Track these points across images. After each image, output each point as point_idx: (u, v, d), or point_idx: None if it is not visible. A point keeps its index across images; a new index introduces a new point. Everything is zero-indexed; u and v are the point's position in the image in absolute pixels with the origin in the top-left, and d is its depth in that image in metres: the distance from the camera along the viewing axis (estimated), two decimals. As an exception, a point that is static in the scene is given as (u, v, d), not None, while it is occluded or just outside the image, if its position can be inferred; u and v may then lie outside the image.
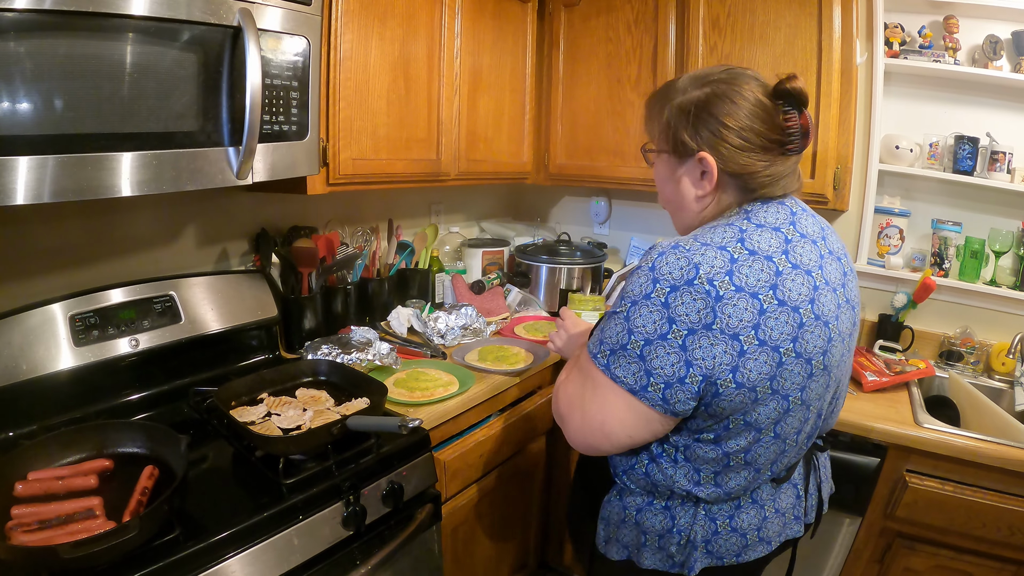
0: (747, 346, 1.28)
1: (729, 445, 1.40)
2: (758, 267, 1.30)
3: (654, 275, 1.32)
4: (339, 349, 2.39)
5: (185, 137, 1.67)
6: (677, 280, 1.29)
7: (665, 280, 1.30)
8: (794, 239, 1.37)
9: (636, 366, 1.33)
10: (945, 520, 2.20)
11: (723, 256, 1.30)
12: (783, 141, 1.40)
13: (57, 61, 1.40)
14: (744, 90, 1.40)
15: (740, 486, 1.47)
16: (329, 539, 1.70)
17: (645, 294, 1.32)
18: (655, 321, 1.30)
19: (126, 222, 2.24)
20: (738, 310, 1.27)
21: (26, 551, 1.30)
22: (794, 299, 1.30)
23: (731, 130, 1.38)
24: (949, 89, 2.85)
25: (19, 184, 1.39)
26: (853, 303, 1.48)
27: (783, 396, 1.35)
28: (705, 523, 1.49)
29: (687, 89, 1.46)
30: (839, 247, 1.50)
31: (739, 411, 1.34)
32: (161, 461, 1.66)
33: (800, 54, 2.63)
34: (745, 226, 1.36)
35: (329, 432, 1.75)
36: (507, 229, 3.96)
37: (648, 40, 3.00)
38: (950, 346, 2.89)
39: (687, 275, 1.28)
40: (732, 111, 1.39)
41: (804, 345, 1.32)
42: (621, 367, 1.35)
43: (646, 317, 1.31)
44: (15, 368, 1.83)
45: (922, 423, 2.26)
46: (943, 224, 2.90)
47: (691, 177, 1.47)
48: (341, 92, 2.28)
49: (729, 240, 1.33)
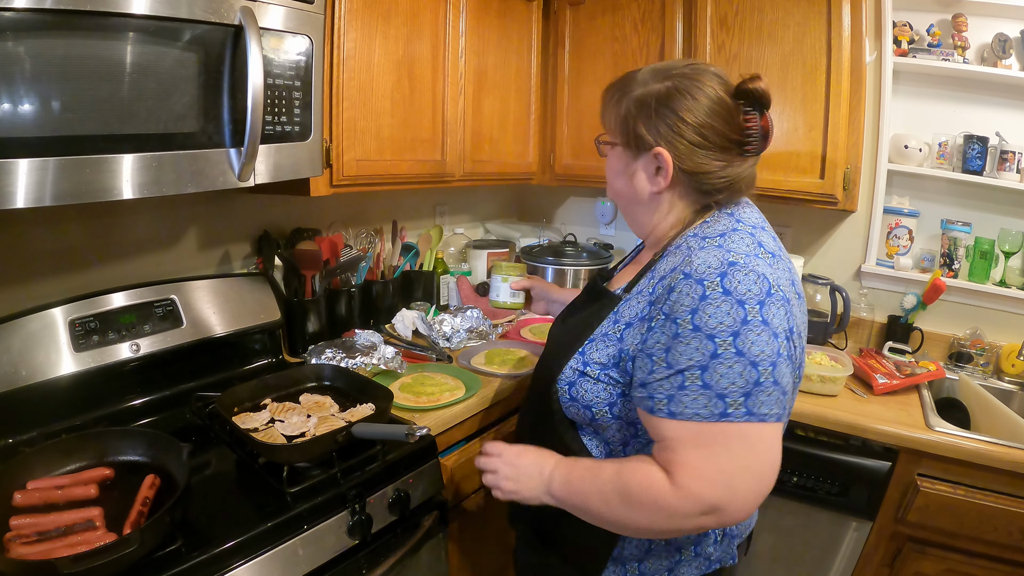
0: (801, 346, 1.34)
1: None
2: (782, 267, 1.32)
3: (735, 297, 1.23)
4: (343, 353, 2.36)
5: (186, 138, 1.65)
6: (759, 295, 1.24)
7: (750, 299, 1.23)
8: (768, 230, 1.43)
9: (776, 393, 1.23)
10: (956, 524, 2.18)
11: (764, 263, 1.29)
12: (742, 142, 1.39)
13: (55, 61, 1.38)
14: (705, 86, 1.38)
15: None
16: (335, 548, 1.67)
17: (742, 320, 1.22)
18: (767, 342, 1.22)
19: (127, 225, 2.22)
20: (795, 311, 1.30)
21: (24, 565, 1.28)
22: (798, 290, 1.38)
23: (689, 126, 1.36)
24: (958, 88, 2.83)
25: (18, 187, 1.37)
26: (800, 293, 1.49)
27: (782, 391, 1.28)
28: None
29: (648, 82, 1.43)
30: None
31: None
32: (163, 470, 1.64)
33: (809, 52, 2.59)
34: (749, 229, 1.37)
35: (334, 440, 1.73)
36: (512, 230, 3.93)
37: (655, 39, 2.97)
38: (960, 348, 2.87)
39: (763, 287, 1.24)
40: (692, 106, 1.36)
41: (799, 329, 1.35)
42: (764, 404, 1.22)
43: (759, 342, 1.22)
44: (14, 374, 1.80)
45: (934, 426, 2.24)
46: (952, 224, 2.88)
47: (646, 173, 1.45)
48: (345, 92, 2.26)
49: (753, 246, 1.32)
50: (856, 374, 2.64)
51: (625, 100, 1.45)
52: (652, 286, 1.38)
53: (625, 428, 1.44)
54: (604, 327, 1.44)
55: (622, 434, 1.46)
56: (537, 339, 2.92)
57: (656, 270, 1.42)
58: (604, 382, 1.41)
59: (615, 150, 1.51)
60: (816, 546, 2.47)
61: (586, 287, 1.75)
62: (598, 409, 1.42)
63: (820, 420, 2.34)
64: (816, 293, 3.00)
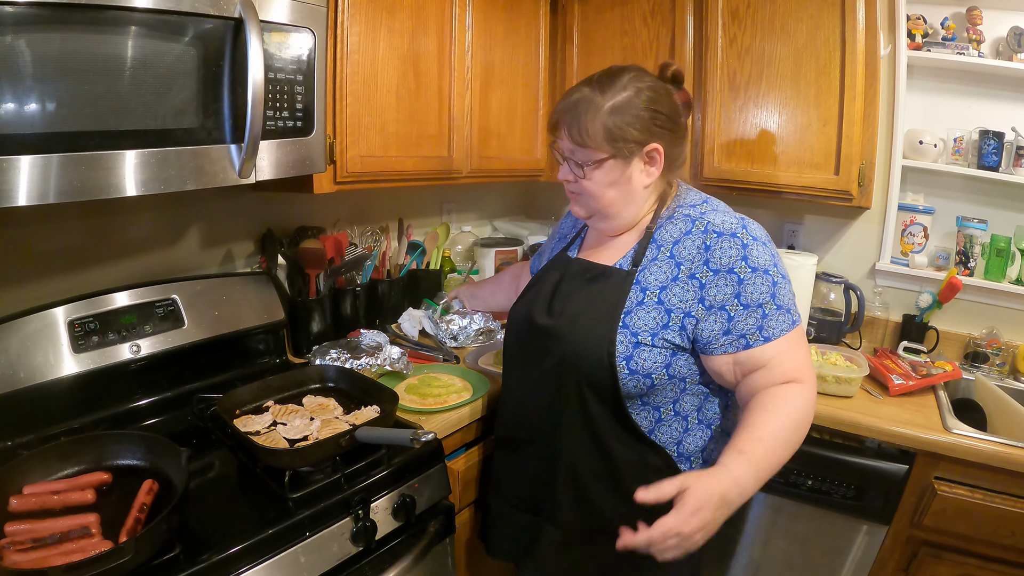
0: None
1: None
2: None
3: (761, 240, 1.59)
4: (348, 354, 2.33)
5: (185, 134, 1.61)
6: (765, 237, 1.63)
7: (767, 239, 1.62)
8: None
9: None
10: (973, 528, 2.14)
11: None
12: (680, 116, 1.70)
13: (52, 56, 1.35)
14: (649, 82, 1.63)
15: None
16: (338, 556, 1.64)
17: (772, 254, 1.59)
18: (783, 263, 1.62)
19: (127, 223, 2.19)
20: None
21: (17, 574, 1.25)
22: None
23: (664, 116, 1.62)
24: (973, 82, 2.78)
25: (19, 185, 1.35)
26: None
27: None
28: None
29: (607, 95, 1.60)
30: None
31: None
32: (161, 474, 1.61)
33: (823, 46, 2.55)
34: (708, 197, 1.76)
35: (337, 444, 1.69)
36: (520, 228, 3.89)
37: (665, 33, 2.92)
38: (975, 347, 2.82)
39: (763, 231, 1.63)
40: (672, 104, 1.66)
41: None
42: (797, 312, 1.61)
43: (782, 265, 1.61)
44: (12, 375, 1.78)
45: (951, 429, 2.19)
46: (968, 221, 2.83)
47: (640, 171, 1.65)
48: (348, 87, 2.22)
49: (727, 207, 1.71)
50: (871, 375, 2.59)
51: (599, 117, 1.58)
52: (669, 251, 1.63)
53: (677, 384, 1.65)
54: (634, 298, 1.62)
55: (674, 392, 1.66)
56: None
57: (659, 240, 1.66)
58: (659, 347, 1.59)
59: (603, 166, 1.63)
60: (829, 550, 2.43)
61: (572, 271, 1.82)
62: (657, 374, 1.60)
63: (836, 422, 2.30)
64: (830, 292, 2.96)
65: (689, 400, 1.68)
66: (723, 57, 2.77)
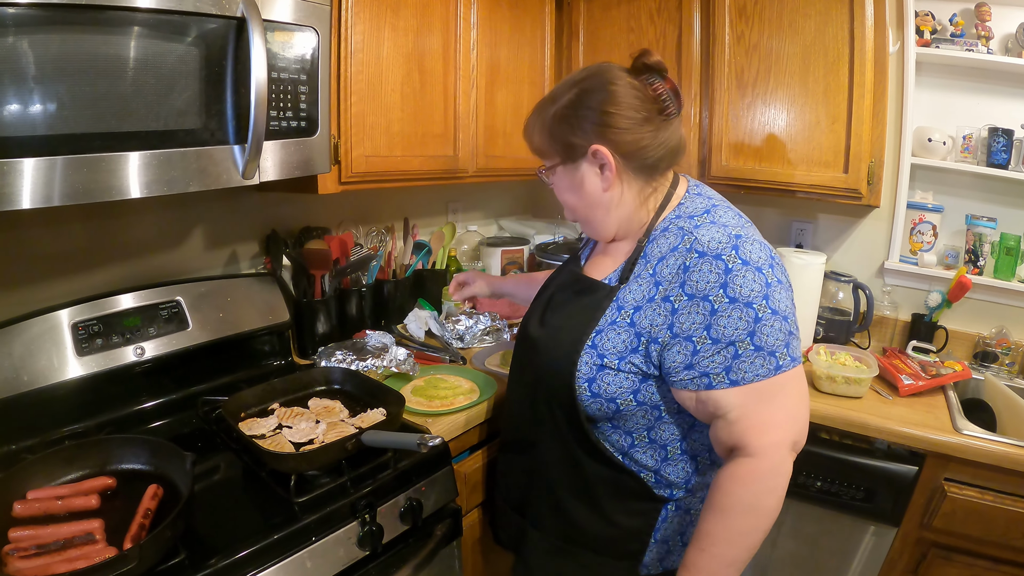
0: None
1: None
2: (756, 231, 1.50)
3: (755, 265, 1.37)
4: (354, 355, 2.32)
5: (187, 135, 1.60)
6: (768, 260, 1.40)
7: (765, 264, 1.39)
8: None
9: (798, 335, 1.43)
10: (983, 530, 2.13)
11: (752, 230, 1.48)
12: (660, 108, 1.50)
13: (53, 57, 1.33)
14: (612, 76, 1.51)
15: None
16: (344, 560, 1.63)
17: (766, 283, 1.37)
18: (787, 297, 1.41)
19: (130, 225, 2.18)
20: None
21: (20, 582, 1.24)
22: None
23: (613, 114, 1.48)
24: (982, 79, 2.76)
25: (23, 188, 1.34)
26: None
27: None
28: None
29: (558, 97, 1.56)
30: None
31: None
32: (166, 479, 1.60)
33: (831, 43, 2.53)
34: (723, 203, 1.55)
35: (343, 448, 1.68)
36: (526, 227, 3.87)
37: (672, 30, 2.90)
38: (985, 347, 2.80)
39: (768, 252, 1.42)
40: (609, 97, 1.49)
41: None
42: (796, 348, 1.41)
43: (783, 298, 1.39)
44: (16, 379, 1.77)
45: (961, 429, 2.17)
46: (977, 220, 2.80)
47: (591, 175, 1.55)
48: (353, 86, 2.21)
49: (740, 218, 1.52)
50: (881, 375, 2.57)
51: (545, 121, 1.58)
52: (652, 268, 1.48)
53: (649, 412, 1.51)
54: (608, 316, 1.51)
55: (647, 419, 1.52)
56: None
57: (648, 254, 1.52)
58: (625, 371, 1.47)
59: (556, 171, 1.61)
60: (837, 552, 2.42)
61: (564, 281, 1.77)
62: (623, 399, 1.48)
63: (845, 423, 2.28)
64: (839, 291, 2.95)
65: (668, 429, 1.53)
66: (730, 54, 2.75)
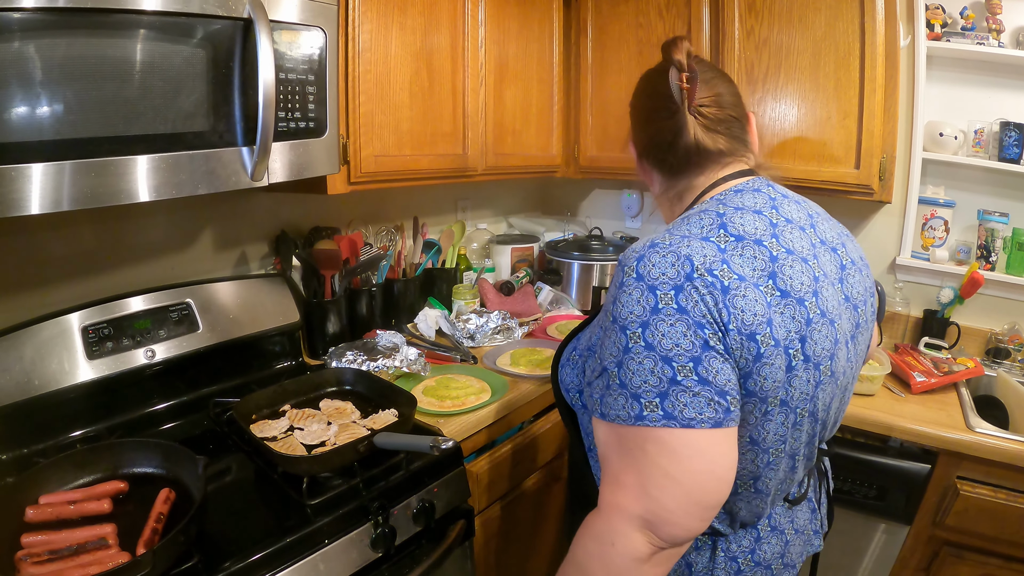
0: (764, 348, 1.08)
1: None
2: (750, 253, 1.13)
3: (647, 283, 1.10)
4: (364, 355, 2.31)
5: (195, 138, 1.59)
6: (675, 278, 1.08)
7: (663, 284, 1.08)
8: (780, 223, 1.22)
9: (705, 394, 1.06)
10: (995, 528, 2.12)
11: (710, 246, 1.12)
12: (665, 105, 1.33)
13: (59, 62, 1.32)
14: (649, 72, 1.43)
15: (751, 512, 1.31)
16: (357, 563, 1.62)
17: (652, 308, 1.08)
18: (684, 333, 1.06)
19: (139, 228, 2.18)
20: (749, 303, 1.08)
21: (33, 588, 1.23)
22: (797, 289, 1.14)
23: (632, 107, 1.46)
24: (993, 73, 2.73)
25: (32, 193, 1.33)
26: (854, 301, 1.30)
27: (791, 408, 1.16)
28: (726, 564, 1.33)
29: None
30: (834, 235, 1.35)
31: (744, 427, 1.15)
32: (178, 483, 1.60)
33: (842, 37, 2.51)
34: (722, 210, 1.21)
35: (355, 450, 1.68)
36: (536, 224, 3.87)
37: (681, 25, 2.89)
38: (997, 343, 2.78)
39: (683, 270, 1.09)
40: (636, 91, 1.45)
41: (813, 347, 1.14)
42: (688, 406, 1.05)
43: (671, 334, 1.06)
44: (27, 383, 1.77)
45: (974, 427, 2.17)
46: (990, 215, 2.78)
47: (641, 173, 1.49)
48: (361, 86, 2.20)
49: (710, 228, 1.17)
50: (893, 372, 2.56)
51: None
52: None
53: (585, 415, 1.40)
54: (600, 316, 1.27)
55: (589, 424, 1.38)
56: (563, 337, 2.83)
57: None
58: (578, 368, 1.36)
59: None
60: (848, 550, 2.42)
61: None
62: (573, 395, 1.38)
63: (858, 421, 2.27)
64: (850, 286, 2.92)
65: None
66: (740, 49, 2.73)
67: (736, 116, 1.36)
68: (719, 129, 1.33)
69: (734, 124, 1.35)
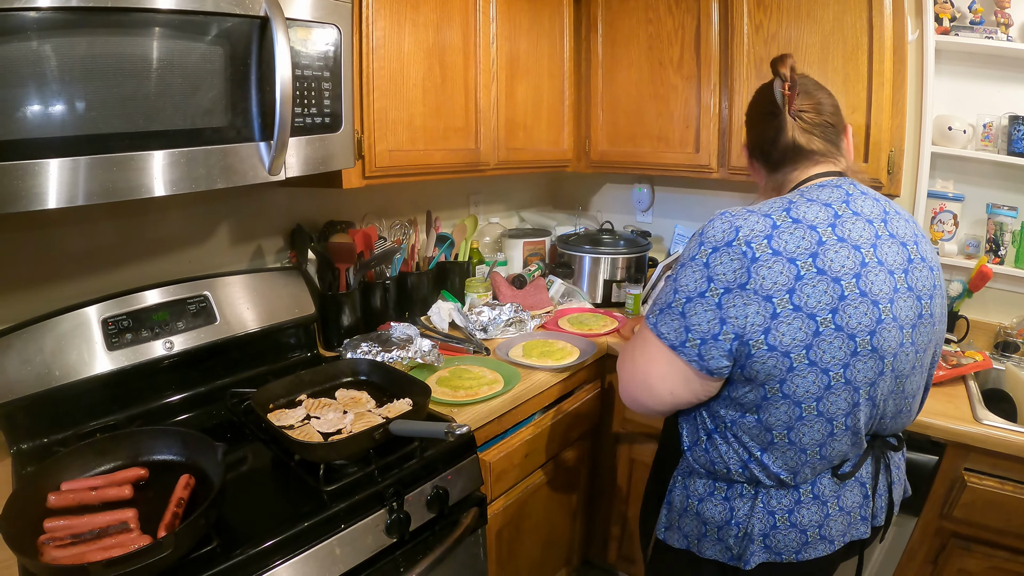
0: (780, 309, 1.33)
1: (769, 419, 1.42)
2: (799, 234, 1.36)
3: (701, 239, 1.42)
4: (379, 347, 2.33)
5: (214, 133, 1.62)
6: (718, 242, 1.38)
7: (709, 242, 1.40)
8: (844, 215, 1.42)
9: (677, 323, 1.42)
10: (1003, 521, 2.11)
11: (765, 222, 1.38)
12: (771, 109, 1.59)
13: (79, 60, 1.35)
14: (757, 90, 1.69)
15: (789, 467, 1.47)
16: (372, 548, 1.65)
17: (691, 256, 1.42)
18: (696, 280, 1.40)
19: (157, 222, 2.20)
20: (772, 272, 1.33)
21: (57, 570, 1.26)
22: (836, 270, 1.34)
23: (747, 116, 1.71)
24: (1002, 67, 2.73)
25: (49, 188, 1.36)
26: (919, 292, 1.44)
27: (822, 370, 1.36)
28: (763, 516, 1.50)
29: None
30: (907, 233, 1.48)
31: (775, 378, 1.37)
32: (197, 469, 1.63)
33: (850, 32, 2.51)
34: (795, 199, 1.44)
35: (371, 437, 1.70)
36: (547, 219, 3.89)
37: (690, 20, 2.90)
38: (1006, 337, 2.78)
39: (728, 237, 1.38)
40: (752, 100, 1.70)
41: (845, 319, 1.34)
42: (665, 324, 1.44)
43: (689, 277, 1.41)
44: (47, 374, 1.80)
45: (981, 419, 2.15)
46: (998, 209, 2.78)
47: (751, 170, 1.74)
48: (375, 82, 2.23)
49: (775, 209, 1.41)
50: (902, 363, 2.55)
51: None
52: None
53: None
54: None
55: None
56: (575, 329, 2.87)
57: None
58: None
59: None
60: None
61: None
62: None
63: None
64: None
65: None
66: (749, 44, 2.74)
67: (832, 123, 1.57)
68: (815, 132, 1.56)
69: (829, 129, 1.57)
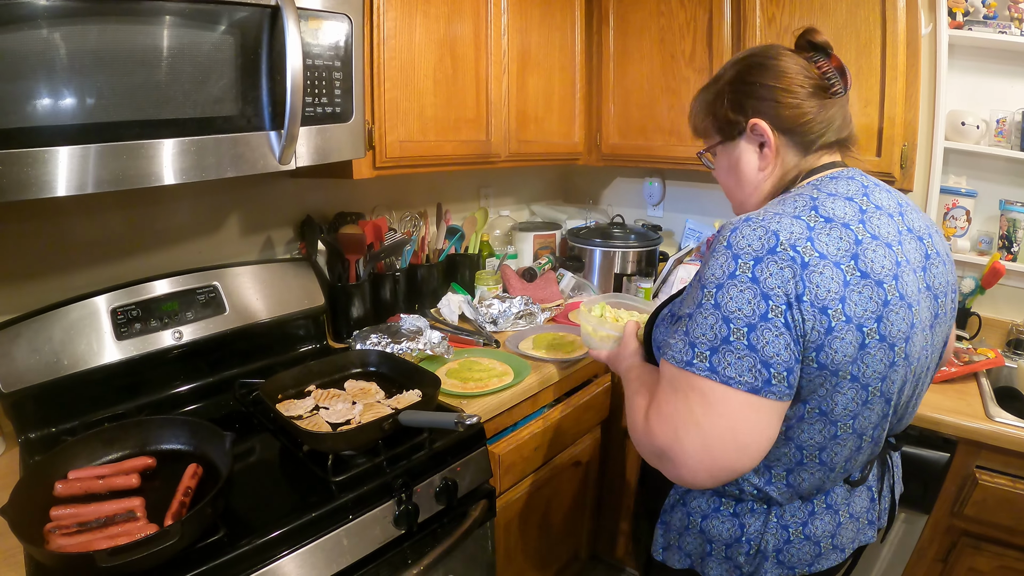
0: (835, 322, 1.15)
1: (802, 439, 1.28)
2: (836, 235, 1.20)
3: (732, 251, 1.18)
4: (388, 338, 2.33)
5: (224, 122, 1.62)
6: (758, 251, 1.16)
7: (747, 253, 1.17)
8: (869, 210, 1.28)
9: (749, 359, 1.15)
10: (1014, 519, 2.10)
11: (800, 224, 1.19)
12: (824, 85, 1.38)
13: (90, 48, 1.35)
14: (775, 52, 1.41)
15: (813, 486, 1.36)
16: (380, 539, 1.64)
17: (729, 273, 1.17)
18: (749, 300, 1.15)
19: (167, 212, 2.21)
20: (824, 279, 1.15)
21: (63, 557, 1.26)
22: (877, 272, 1.19)
23: (773, 87, 1.38)
24: (1016, 62, 2.70)
25: (59, 175, 1.36)
26: (935, 291, 1.34)
27: (863, 385, 1.22)
28: (777, 531, 1.39)
29: (720, 76, 1.48)
30: (922, 226, 1.38)
31: (815, 397, 1.22)
32: (205, 458, 1.63)
33: (863, 25, 2.49)
34: (816, 194, 1.28)
35: (380, 428, 1.69)
36: (558, 212, 3.88)
37: (702, 13, 2.88)
38: (1018, 334, 2.76)
39: (767, 244, 1.16)
40: (771, 70, 1.39)
41: (888, 327, 1.19)
42: (730, 365, 1.16)
43: (738, 299, 1.16)
44: (56, 363, 1.81)
45: (993, 416, 2.14)
46: (1011, 205, 2.76)
47: (748, 152, 1.44)
48: (386, 72, 2.22)
49: (802, 209, 1.24)
50: (913, 360, 2.54)
51: (707, 99, 1.50)
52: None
53: None
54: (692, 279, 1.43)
55: None
56: (585, 323, 2.85)
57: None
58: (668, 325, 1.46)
59: (717, 150, 1.52)
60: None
61: None
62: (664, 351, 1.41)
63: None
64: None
65: None
66: (762, 37, 2.72)
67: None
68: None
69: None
